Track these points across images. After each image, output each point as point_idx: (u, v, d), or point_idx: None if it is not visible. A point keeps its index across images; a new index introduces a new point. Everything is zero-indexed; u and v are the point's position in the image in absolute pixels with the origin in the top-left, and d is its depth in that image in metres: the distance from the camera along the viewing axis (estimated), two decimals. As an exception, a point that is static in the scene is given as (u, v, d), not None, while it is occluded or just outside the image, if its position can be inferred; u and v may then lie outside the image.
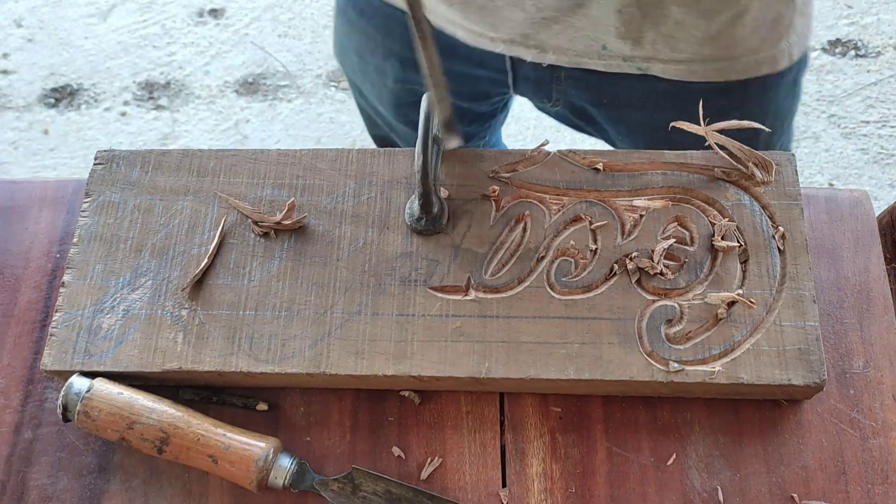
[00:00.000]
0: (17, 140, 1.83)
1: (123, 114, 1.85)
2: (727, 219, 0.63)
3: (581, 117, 0.86)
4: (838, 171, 1.77)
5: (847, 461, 0.59)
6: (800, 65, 0.79)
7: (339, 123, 1.85)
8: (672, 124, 0.64)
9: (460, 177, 0.66)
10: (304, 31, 1.97)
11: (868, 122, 1.82)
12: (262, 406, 0.61)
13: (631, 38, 0.71)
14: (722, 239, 0.62)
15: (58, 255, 0.68)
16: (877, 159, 1.78)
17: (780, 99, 0.79)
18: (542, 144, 0.67)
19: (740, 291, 0.61)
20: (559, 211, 0.64)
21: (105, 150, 0.68)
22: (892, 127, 1.81)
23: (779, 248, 0.62)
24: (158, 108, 1.85)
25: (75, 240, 0.65)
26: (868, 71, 1.88)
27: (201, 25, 1.96)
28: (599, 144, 0.91)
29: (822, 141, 1.80)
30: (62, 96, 1.88)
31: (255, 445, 0.56)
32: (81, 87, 1.88)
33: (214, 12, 1.99)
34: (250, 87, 1.88)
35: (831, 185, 1.74)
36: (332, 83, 1.89)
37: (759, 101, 0.77)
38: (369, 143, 1.82)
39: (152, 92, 1.86)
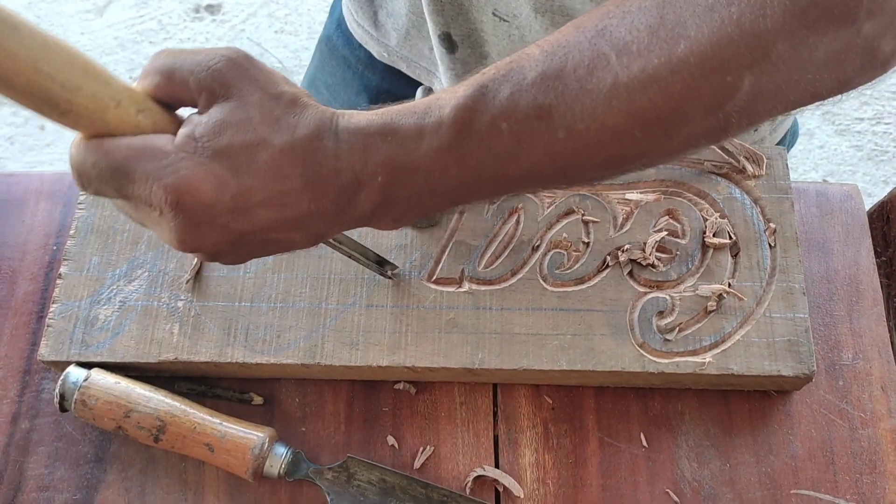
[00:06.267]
0: (13, 135, 1.83)
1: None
2: (718, 214, 0.64)
3: None
4: (832, 167, 1.78)
5: (836, 451, 0.60)
6: None
7: (335, 119, 1.85)
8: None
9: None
10: (300, 26, 1.97)
11: (862, 119, 1.83)
12: (258, 400, 0.62)
13: None
14: (714, 236, 0.63)
15: (54, 248, 0.69)
16: (871, 156, 1.79)
17: None
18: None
19: (731, 283, 0.61)
20: (552, 204, 0.65)
21: (102, 143, 0.69)
22: (887, 124, 1.82)
23: (769, 244, 0.63)
24: (155, 103, 1.85)
25: (72, 232, 0.65)
26: (862, 68, 1.89)
27: (198, 21, 1.97)
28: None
29: (817, 138, 1.81)
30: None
31: (251, 434, 0.56)
32: (78, 82, 1.88)
33: (211, 8, 1.99)
34: (247, 82, 1.88)
35: (825, 181, 1.75)
36: (329, 79, 1.89)
37: None
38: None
39: (149, 87, 1.86)
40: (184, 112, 0.47)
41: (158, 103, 0.46)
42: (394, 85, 0.84)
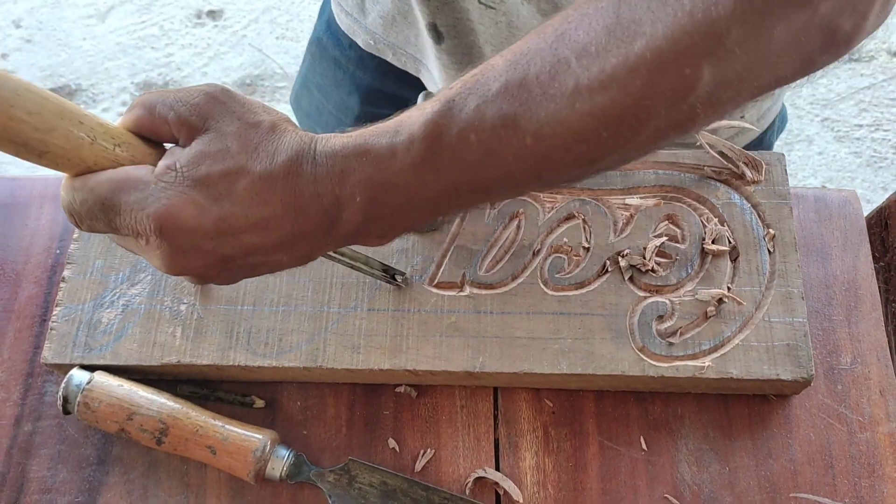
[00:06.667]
0: (16, 140, 1.83)
1: (122, 114, 1.86)
2: (718, 219, 0.64)
3: None
4: (831, 174, 1.78)
5: (834, 455, 0.60)
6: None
7: (336, 125, 1.85)
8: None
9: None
10: (301, 32, 1.98)
11: (861, 126, 1.84)
12: (260, 403, 0.62)
13: None
14: (713, 242, 0.63)
15: (58, 251, 0.69)
16: (870, 162, 1.79)
17: None
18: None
19: (730, 287, 0.62)
20: (553, 208, 0.65)
21: (105, 148, 0.69)
22: (885, 130, 1.83)
23: (768, 249, 0.63)
24: (156, 108, 1.85)
25: (75, 235, 0.66)
26: (861, 75, 1.90)
27: (199, 27, 1.98)
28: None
29: (816, 144, 1.82)
30: (61, 97, 1.89)
31: (253, 436, 0.57)
32: (80, 87, 1.89)
33: (212, 14, 2.00)
34: (248, 88, 1.90)
35: (824, 187, 1.75)
36: (330, 85, 1.90)
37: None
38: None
39: (150, 93, 1.87)
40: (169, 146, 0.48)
41: (141, 138, 0.47)
42: (385, 84, 0.85)
